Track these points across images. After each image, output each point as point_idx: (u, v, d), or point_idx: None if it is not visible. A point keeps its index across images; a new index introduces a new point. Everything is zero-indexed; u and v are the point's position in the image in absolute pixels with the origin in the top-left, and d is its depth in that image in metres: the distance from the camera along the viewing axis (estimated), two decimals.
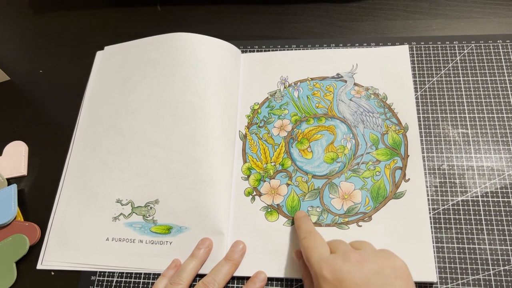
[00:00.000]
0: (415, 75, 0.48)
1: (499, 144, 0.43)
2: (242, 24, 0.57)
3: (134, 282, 0.41)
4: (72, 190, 0.46)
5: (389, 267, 0.30)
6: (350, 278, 0.29)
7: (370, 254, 0.32)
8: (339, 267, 0.30)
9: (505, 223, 0.39)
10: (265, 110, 0.48)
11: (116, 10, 0.61)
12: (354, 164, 0.43)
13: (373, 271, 0.30)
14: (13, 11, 0.64)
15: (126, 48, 0.53)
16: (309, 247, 0.34)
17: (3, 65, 0.58)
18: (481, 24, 0.51)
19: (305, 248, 0.34)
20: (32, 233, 0.44)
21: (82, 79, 0.54)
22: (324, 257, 0.32)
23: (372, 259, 0.31)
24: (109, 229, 0.43)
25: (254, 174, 0.45)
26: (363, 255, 0.31)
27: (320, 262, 0.31)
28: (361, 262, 0.30)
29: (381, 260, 0.31)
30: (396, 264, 0.31)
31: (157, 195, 0.44)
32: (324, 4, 0.56)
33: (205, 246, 0.40)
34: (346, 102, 0.47)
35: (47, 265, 0.43)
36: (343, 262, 0.31)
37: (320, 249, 0.33)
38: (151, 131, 0.47)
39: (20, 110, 0.55)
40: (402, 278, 0.30)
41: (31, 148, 0.51)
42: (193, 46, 0.49)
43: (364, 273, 0.30)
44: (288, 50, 0.52)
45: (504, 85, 0.46)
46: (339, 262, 0.31)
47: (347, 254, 0.31)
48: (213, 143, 0.45)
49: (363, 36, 0.52)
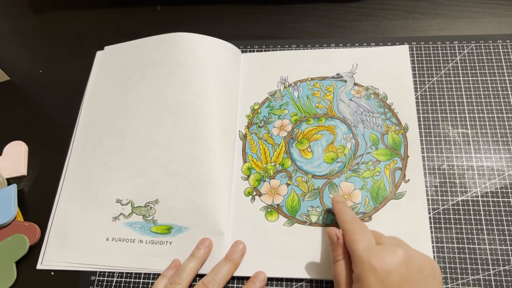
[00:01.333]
0: (415, 75, 0.48)
1: (499, 144, 0.43)
2: (242, 24, 0.57)
3: (134, 282, 0.41)
4: (72, 190, 0.46)
5: (429, 268, 0.32)
6: (397, 272, 0.30)
7: (414, 251, 0.33)
8: (389, 260, 0.31)
9: (505, 223, 0.39)
10: (265, 110, 0.48)
11: (116, 10, 0.61)
12: (354, 164, 0.43)
13: (418, 269, 0.31)
14: (13, 11, 0.64)
15: (126, 48, 0.53)
16: (355, 232, 0.34)
17: (3, 65, 0.58)
18: (481, 24, 0.51)
19: (351, 232, 0.34)
20: (32, 233, 0.44)
21: (82, 79, 0.54)
22: (371, 246, 0.32)
23: (418, 256, 0.32)
24: (109, 229, 0.43)
25: (254, 174, 0.45)
26: (409, 253, 0.32)
27: (369, 250, 0.32)
28: (408, 259, 0.31)
29: (424, 259, 0.32)
30: (434, 266, 0.32)
31: (157, 195, 0.44)
32: (324, 4, 0.56)
33: (205, 246, 0.40)
34: (346, 102, 0.47)
35: (47, 265, 0.43)
36: (392, 255, 0.31)
37: (367, 237, 0.33)
38: (151, 131, 0.47)
39: (20, 110, 0.55)
40: (438, 280, 0.32)
41: (31, 148, 0.51)
42: (193, 46, 0.49)
43: (409, 269, 0.30)
44: (288, 50, 0.52)
45: (504, 85, 0.46)
46: (388, 254, 0.31)
47: (394, 249, 0.32)
48: (213, 143, 0.45)
49: (363, 36, 0.52)
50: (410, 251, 0.32)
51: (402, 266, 0.30)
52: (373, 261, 0.31)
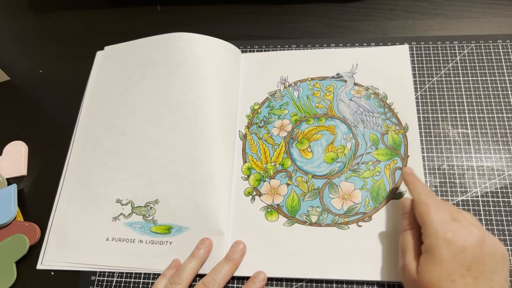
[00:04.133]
0: (415, 75, 0.48)
1: (499, 144, 0.43)
2: (242, 24, 0.57)
3: (134, 282, 0.41)
4: (72, 190, 0.46)
5: (501, 253, 0.31)
6: (471, 251, 0.30)
7: (488, 235, 0.32)
8: (465, 237, 0.30)
9: (505, 223, 0.39)
10: (265, 110, 0.48)
11: (116, 10, 0.61)
12: (354, 164, 0.43)
13: (491, 252, 0.31)
14: (13, 11, 0.64)
15: (126, 48, 0.53)
16: (431, 205, 0.33)
17: (3, 65, 0.58)
18: (481, 24, 0.51)
19: (426, 204, 0.34)
20: (32, 233, 0.44)
21: (82, 79, 0.54)
22: (447, 220, 0.32)
23: (493, 240, 0.32)
24: (109, 229, 0.43)
25: (254, 174, 0.45)
26: (484, 234, 0.31)
27: (445, 224, 0.31)
28: (483, 241, 0.31)
29: (498, 244, 0.32)
30: (504, 252, 0.32)
31: (157, 195, 0.44)
32: (324, 4, 0.56)
33: (205, 246, 0.40)
34: (346, 102, 0.47)
35: (47, 265, 0.43)
36: (468, 234, 0.31)
37: (442, 211, 0.33)
38: (151, 131, 0.47)
39: (20, 110, 0.55)
40: (506, 266, 0.31)
41: (31, 148, 0.51)
42: (193, 46, 0.49)
43: (482, 251, 0.30)
44: (288, 50, 0.52)
45: (504, 85, 0.46)
46: (464, 232, 0.31)
47: (471, 228, 0.31)
48: (213, 143, 0.45)
49: (363, 36, 0.52)
50: (485, 233, 0.32)
51: (476, 247, 0.30)
52: (449, 235, 0.30)
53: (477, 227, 0.32)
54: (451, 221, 0.32)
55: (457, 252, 0.30)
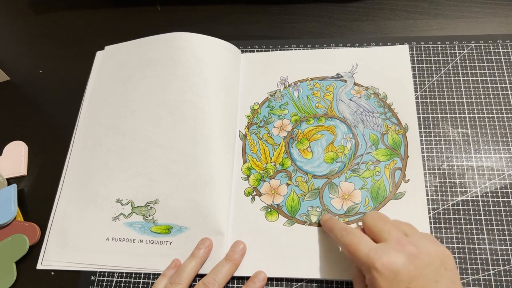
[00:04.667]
0: (415, 75, 0.48)
1: (499, 144, 0.43)
2: (242, 24, 0.57)
3: (134, 282, 0.41)
4: (72, 190, 0.46)
5: (439, 258, 0.31)
6: (405, 271, 0.29)
7: (422, 243, 0.32)
8: (394, 260, 0.30)
9: (505, 223, 0.39)
10: (265, 110, 0.48)
11: (116, 10, 0.61)
12: (354, 164, 0.43)
13: (427, 263, 0.30)
14: (13, 11, 0.64)
15: (126, 48, 0.53)
16: (352, 243, 0.33)
17: (3, 65, 0.58)
18: (481, 24, 0.51)
19: (348, 245, 0.33)
20: (32, 233, 0.44)
21: (82, 79, 0.54)
22: (373, 248, 0.32)
23: (425, 250, 0.31)
24: (109, 229, 0.43)
25: (254, 174, 0.45)
26: (417, 246, 0.31)
27: (370, 254, 0.31)
28: (416, 255, 0.30)
29: (432, 251, 0.31)
30: (444, 254, 0.31)
31: (157, 195, 0.44)
32: (324, 4, 0.56)
33: (205, 246, 0.40)
34: (346, 102, 0.47)
35: (47, 265, 0.43)
36: (397, 253, 0.30)
37: (364, 242, 0.33)
38: (151, 131, 0.47)
39: (20, 110, 0.55)
40: (450, 269, 0.31)
41: (31, 148, 0.51)
42: (193, 46, 0.49)
43: (418, 265, 0.30)
44: (288, 50, 0.52)
45: (504, 85, 0.46)
46: (393, 253, 0.30)
47: (401, 244, 0.31)
48: (213, 143, 0.45)
49: (363, 36, 0.52)
50: (419, 244, 0.31)
51: (409, 265, 0.30)
52: (377, 265, 0.30)
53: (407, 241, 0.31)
54: (377, 247, 0.32)
55: (392, 278, 0.29)
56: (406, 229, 0.34)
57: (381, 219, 0.34)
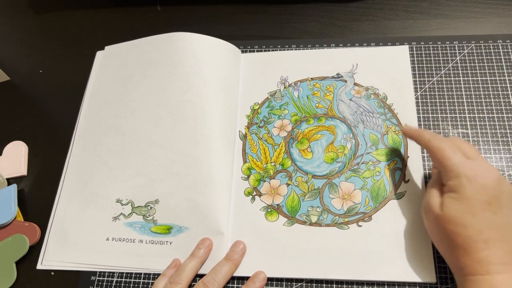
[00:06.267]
0: (415, 75, 0.48)
1: (499, 144, 0.43)
2: (242, 24, 0.57)
3: (134, 282, 0.41)
4: (72, 190, 0.46)
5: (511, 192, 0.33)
6: (491, 188, 0.32)
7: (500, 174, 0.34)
8: (484, 175, 0.32)
9: None
10: (265, 110, 0.48)
11: (116, 10, 0.61)
12: (354, 164, 0.43)
13: (505, 190, 0.33)
14: (13, 11, 0.64)
15: (126, 48, 0.54)
16: (445, 149, 0.35)
17: (3, 65, 0.58)
18: (481, 24, 0.51)
19: (440, 149, 0.35)
20: (32, 233, 0.44)
21: (82, 79, 0.54)
22: (465, 161, 0.34)
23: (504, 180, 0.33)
24: (109, 229, 0.43)
25: (254, 174, 0.45)
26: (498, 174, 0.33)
27: (464, 164, 0.33)
28: (499, 180, 0.33)
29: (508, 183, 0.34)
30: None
31: (157, 195, 0.44)
32: (324, 4, 0.56)
33: (205, 246, 0.40)
34: (346, 102, 0.47)
35: (47, 265, 0.43)
36: (487, 173, 0.33)
37: (457, 152, 0.34)
38: (151, 131, 0.47)
39: (20, 110, 0.55)
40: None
41: (31, 148, 0.51)
42: (193, 46, 0.49)
43: (500, 188, 0.32)
44: (288, 50, 0.52)
45: (504, 85, 0.46)
46: (483, 171, 0.33)
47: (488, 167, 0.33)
48: (213, 143, 0.45)
49: (363, 36, 0.52)
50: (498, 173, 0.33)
51: (496, 184, 0.32)
52: (470, 173, 0.32)
53: (492, 167, 0.34)
54: (468, 161, 0.34)
55: (479, 189, 0.32)
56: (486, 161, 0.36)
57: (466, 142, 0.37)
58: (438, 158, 0.35)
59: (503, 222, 0.31)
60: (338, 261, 0.39)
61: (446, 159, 0.34)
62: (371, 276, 0.38)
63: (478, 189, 0.32)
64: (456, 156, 0.34)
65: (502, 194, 0.32)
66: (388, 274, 0.38)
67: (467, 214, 0.31)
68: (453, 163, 0.33)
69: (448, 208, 0.32)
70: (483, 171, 0.33)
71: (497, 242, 0.31)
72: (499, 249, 0.30)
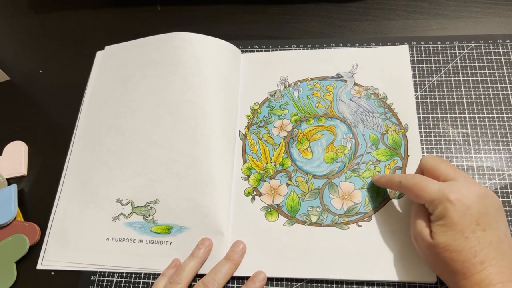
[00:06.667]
0: (415, 75, 0.48)
1: (499, 144, 0.43)
2: (242, 24, 0.57)
3: (134, 282, 0.41)
4: (72, 190, 0.46)
5: (497, 203, 0.33)
6: (475, 206, 0.31)
7: (483, 187, 0.33)
8: (466, 194, 0.32)
9: None
10: (265, 110, 0.48)
11: (116, 10, 0.61)
12: (354, 164, 0.43)
13: (491, 203, 0.32)
14: (13, 11, 0.64)
15: (126, 48, 0.54)
16: (419, 182, 0.34)
17: (3, 65, 0.58)
18: (481, 24, 0.51)
19: (414, 184, 0.35)
20: (32, 233, 0.44)
21: (82, 79, 0.54)
22: (443, 184, 0.33)
23: (488, 193, 0.33)
24: (109, 229, 0.43)
25: (254, 174, 0.45)
26: (481, 188, 0.33)
27: (443, 189, 0.32)
28: (483, 195, 0.32)
29: (493, 195, 0.33)
30: (499, 201, 0.34)
31: (157, 195, 0.44)
32: (324, 4, 0.56)
33: (205, 246, 0.40)
34: (346, 102, 0.47)
35: (47, 265, 0.43)
36: (468, 189, 0.32)
37: (431, 181, 0.34)
38: (151, 131, 0.47)
39: (20, 110, 0.55)
40: (504, 214, 0.33)
41: (31, 148, 0.51)
42: (193, 46, 0.49)
43: (485, 203, 0.32)
44: (288, 50, 0.52)
45: (504, 85, 0.46)
46: (464, 190, 0.32)
47: (469, 183, 0.33)
48: (213, 143, 0.45)
49: (363, 36, 0.52)
50: (481, 186, 0.33)
51: (479, 201, 0.32)
52: (451, 196, 0.32)
53: (474, 183, 0.33)
54: (447, 184, 0.33)
55: (464, 211, 0.31)
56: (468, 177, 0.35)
57: (443, 161, 0.36)
58: (415, 194, 0.34)
59: (494, 238, 0.31)
60: (338, 261, 0.39)
61: (423, 191, 0.34)
62: (371, 276, 0.38)
63: (463, 211, 0.31)
64: (432, 184, 0.33)
65: (488, 209, 0.32)
66: (388, 274, 0.38)
67: (459, 239, 0.31)
68: (431, 191, 0.33)
69: (439, 236, 0.32)
70: (464, 191, 0.32)
71: (493, 260, 0.30)
72: (496, 267, 0.30)
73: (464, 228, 0.31)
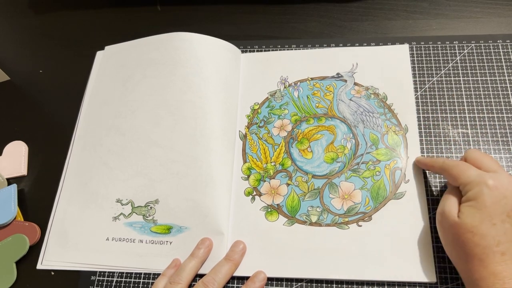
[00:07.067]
0: (415, 75, 0.48)
1: (499, 144, 0.43)
2: (242, 24, 0.57)
3: (134, 282, 0.41)
4: (72, 190, 0.46)
5: None
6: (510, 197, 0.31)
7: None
8: (506, 185, 0.32)
9: None
10: (265, 110, 0.48)
11: (116, 10, 0.61)
12: (354, 164, 0.43)
13: None
14: (13, 11, 0.64)
15: (126, 48, 0.54)
16: (460, 165, 0.35)
17: (3, 65, 0.58)
18: (481, 24, 0.51)
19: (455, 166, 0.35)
20: (32, 233, 0.44)
21: (82, 79, 0.54)
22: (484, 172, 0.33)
23: None
24: (109, 229, 0.43)
25: (254, 174, 0.45)
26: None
27: (484, 174, 0.33)
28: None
29: None
30: None
31: (157, 195, 0.44)
32: (324, 4, 0.56)
33: (205, 246, 0.40)
34: (346, 102, 0.47)
35: (47, 265, 0.43)
36: (509, 183, 0.32)
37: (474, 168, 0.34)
38: (151, 131, 0.47)
39: (20, 110, 0.55)
40: None
41: (31, 148, 0.51)
42: (193, 46, 0.49)
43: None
44: (288, 50, 0.52)
45: (504, 85, 0.46)
46: (505, 180, 0.32)
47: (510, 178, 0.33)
48: (213, 143, 0.45)
49: (363, 36, 0.52)
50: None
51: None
52: (491, 182, 0.32)
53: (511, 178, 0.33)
54: (488, 173, 0.33)
55: (499, 199, 0.31)
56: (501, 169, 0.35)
57: (488, 155, 0.36)
58: (455, 174, 0.35)
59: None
60: (338, 261, 0.39)
61: (463, 172, 0.34)
62: (371, 276, 0.38)
63: (498, 199, 0.31)
64: (473, 169, 0.34)
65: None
66: (388, 274, 0.38)
67: (486, 223, 0.31)
68: (471, 174, 0.33)
69: (466, 216, 0.32)
70: (505, 181, 0.32)
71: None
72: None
73: (493, 215, 0.31)
